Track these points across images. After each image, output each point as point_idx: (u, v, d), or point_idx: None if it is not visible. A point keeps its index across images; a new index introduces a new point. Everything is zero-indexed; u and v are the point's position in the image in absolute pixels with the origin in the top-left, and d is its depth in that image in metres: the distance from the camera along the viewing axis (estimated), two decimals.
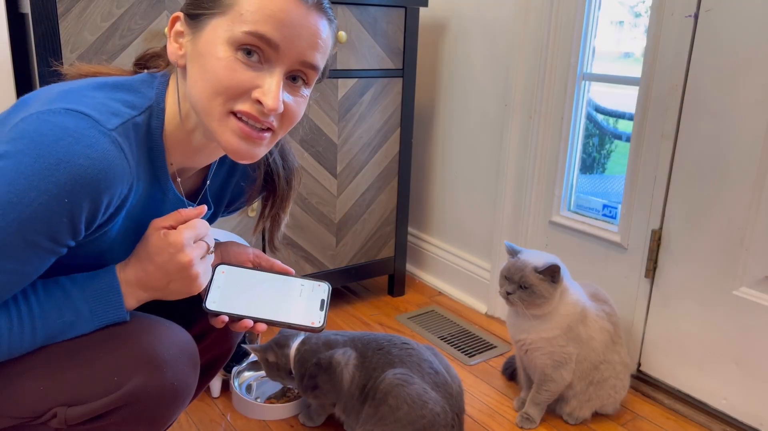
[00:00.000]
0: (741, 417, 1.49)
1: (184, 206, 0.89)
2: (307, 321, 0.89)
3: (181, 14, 0.80)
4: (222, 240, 1.03)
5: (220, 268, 0.94)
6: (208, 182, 0.96)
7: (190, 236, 0.81)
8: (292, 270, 0.98)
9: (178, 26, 0.80)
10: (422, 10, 2.13)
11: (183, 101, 0.82)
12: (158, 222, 0.82)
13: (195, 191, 0.96)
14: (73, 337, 0.80)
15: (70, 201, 0.69)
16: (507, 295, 1.40)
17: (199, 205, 0.93)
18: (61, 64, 1.35)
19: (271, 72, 0.77)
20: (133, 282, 0.81)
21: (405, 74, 1.92)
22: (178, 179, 0.90)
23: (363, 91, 1.86)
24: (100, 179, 0.70)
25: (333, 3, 1.71)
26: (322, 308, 0.92)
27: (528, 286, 1.38)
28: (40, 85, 1.35)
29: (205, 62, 0.76)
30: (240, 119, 0.78)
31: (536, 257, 1.42)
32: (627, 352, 1.54)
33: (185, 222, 0.82)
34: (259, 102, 0.77)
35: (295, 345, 1.41)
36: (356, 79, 1.83)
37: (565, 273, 1.43)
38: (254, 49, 0.75)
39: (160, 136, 0.81)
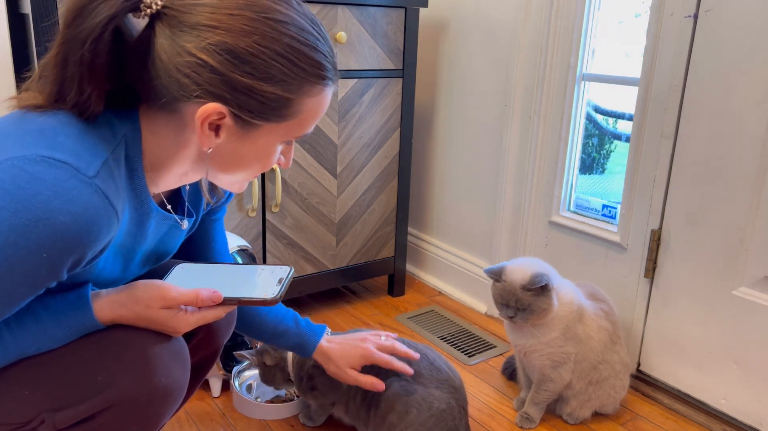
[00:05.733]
0: (741, 417, 1.49)
1: (170, 221, 0.89)
2: (260, 294, 0.87)
3: (224, 110, 0.74)
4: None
5: (180, 266, 0.94)
6: (186, 195, 0.95)
7: (194, 323, 0.85)
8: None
9: (215, 117, 0.74)
10: (422, 10, 2.13)
11: (179, 150, 0.80)
12: (175, 297, 0.83)
13: (172, 199, 0.94)
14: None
15: (50, 256, 0.67)
16: (510, 319, 1.41)
17: (179, 212, 0.93)
18: None
19: (290, 143, 0.86)
20: (107, 320, 0.81)
21: (405, 74, 1.92)
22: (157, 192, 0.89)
23: (363, 92, 1.86)
24: (82, 235, 0.68)
25: (333, 3, 1.71)
26: (279, 284, 0.90)
27: (526, 307, 1.37)
28: None
29: (255, 157, 0.81)
30: None
31: (519, 271, 1.39)
32: (626, 352, 1.54)
33: (199, 304, 0.84)
34: (278, 164, 0.87)
35: None
36: (356, 80, 1.83)
37: (554, 274, 1.42)
38: None
39: (140, 161, 0.78)
